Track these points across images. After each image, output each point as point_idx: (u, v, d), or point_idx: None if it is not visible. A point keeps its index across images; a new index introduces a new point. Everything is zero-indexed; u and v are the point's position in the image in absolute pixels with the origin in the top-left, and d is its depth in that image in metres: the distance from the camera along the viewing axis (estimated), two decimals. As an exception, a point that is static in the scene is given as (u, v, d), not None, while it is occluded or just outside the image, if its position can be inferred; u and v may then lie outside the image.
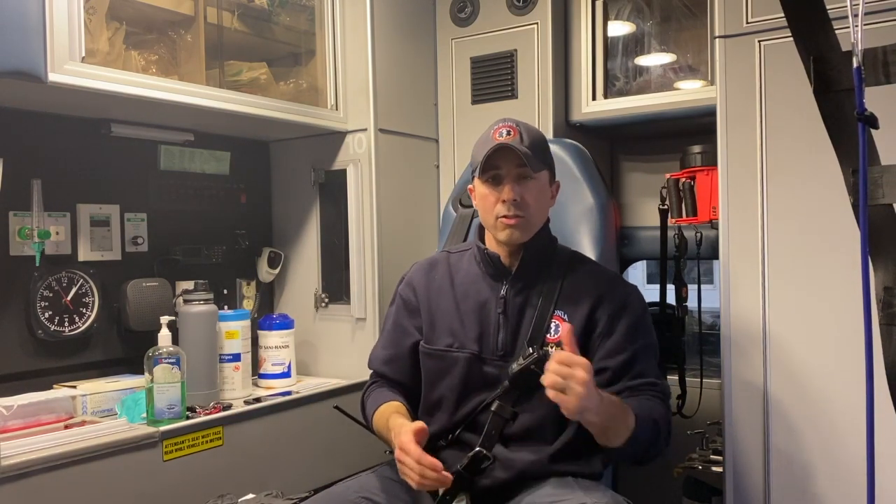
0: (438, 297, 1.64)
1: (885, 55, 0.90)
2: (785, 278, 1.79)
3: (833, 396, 1.72)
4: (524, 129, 1.55)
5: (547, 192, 1.60)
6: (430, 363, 1.62)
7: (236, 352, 2.16)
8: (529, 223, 1.55)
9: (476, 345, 1.56)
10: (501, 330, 1.56)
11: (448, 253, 1.72)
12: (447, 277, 1.65)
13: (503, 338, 1.55)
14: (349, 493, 1.50)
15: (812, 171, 1.73)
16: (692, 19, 2.35)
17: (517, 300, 1.57)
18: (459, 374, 1.56)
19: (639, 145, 2.71)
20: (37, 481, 1.49)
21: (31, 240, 1.91)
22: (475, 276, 1.63)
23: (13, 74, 1.54)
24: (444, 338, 1.60)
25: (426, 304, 1.64)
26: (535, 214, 1.56)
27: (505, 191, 1.52)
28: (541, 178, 1.56)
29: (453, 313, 1.60)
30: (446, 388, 1.58)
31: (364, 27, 2.35)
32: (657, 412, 1.47)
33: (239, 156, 2.49)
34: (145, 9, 2.02)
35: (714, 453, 2.08)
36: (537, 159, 1.53)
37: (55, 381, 1.94)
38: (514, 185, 1.53)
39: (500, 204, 1.53)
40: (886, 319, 0.93)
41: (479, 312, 1.58)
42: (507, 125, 1.55)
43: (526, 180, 1.53)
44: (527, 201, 1.53)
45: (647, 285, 5.40)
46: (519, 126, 1.55)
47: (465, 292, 1.61)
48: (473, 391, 1.55)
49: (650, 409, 1.46)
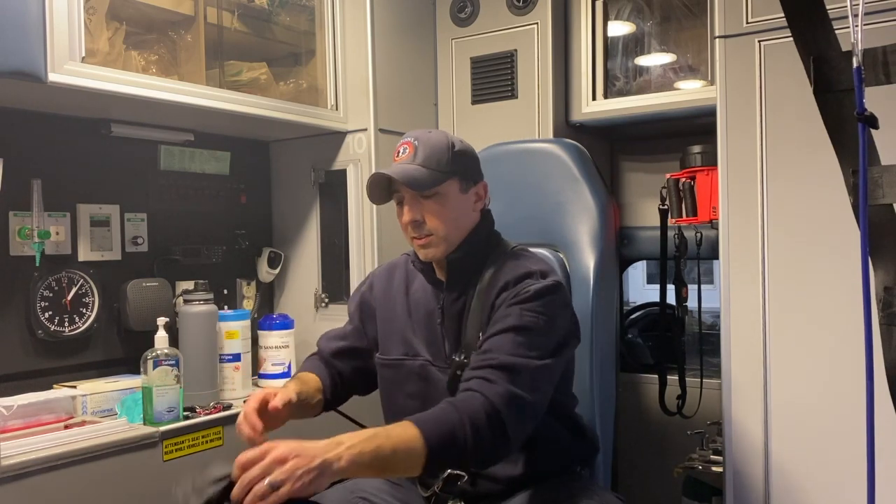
0: (394, 304, 1.63)
1: (885, 55, 0.90)
2: (785, 278, 1.79)
3: (833, 396, 1.72)
4: (422, 143, 1.51)
5: (459, 201, 1.53)
6: (386, 373, 1.61)
7: (236, 352, 2.16)
8: (442, 240, 1.51)
9: (426, 353, 1.56)
10: (446, 339, 1.54)
11: (407, 256, 1.69)
12: (403, 284, 1.64)
13: (449, 346, 1.54)
14: (345, 493, 1.50)
15: (812, 171, 1.73)
16: (692, 19, 2.35)
17: (453, 308, 1.55)
18: (415, 382, 1.56)
19: (639, 145, 2.72)
20: (37, 481, 1.49)
21: (31, 240, 1.91)
22: (423, 284, 1.62)
23: (13, 74, 1.54)
24: (397, 346, 1.59)
25: (382, 312, 1.64)
26: (446, 229, 1.51)
27: (405, 214, 1.52)
28: (445, 192, 1.50)
29: (406, 323, 1.59)
30: (406, 397, 1.57)
31: (364, 27, 2.35)
32: (471, 407, 1.27)
33: (239, 156, 2.49)
34: (145, 9, 2.02)
35: (714, 453, 2.08)
36: (430, 172, 1.48)
37: (55, 381, 1.94)
38: (412, 206, 1.51)
39: (407, 225, 1.53)
40: (886, 319, 0.93)
41: (427, 322, 1.57)
42: (405, 142, 1.53)
43: (426, 199, 1.49)
44: (430, 220, 1.50)
45: (647, 285, 5.42)
46: (417, 140, 1.52)
47: (417, 301, 1.60)
48: (434, 400, 1.43)
49: (451, 413, 1.26)
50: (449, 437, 1.23)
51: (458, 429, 1.24)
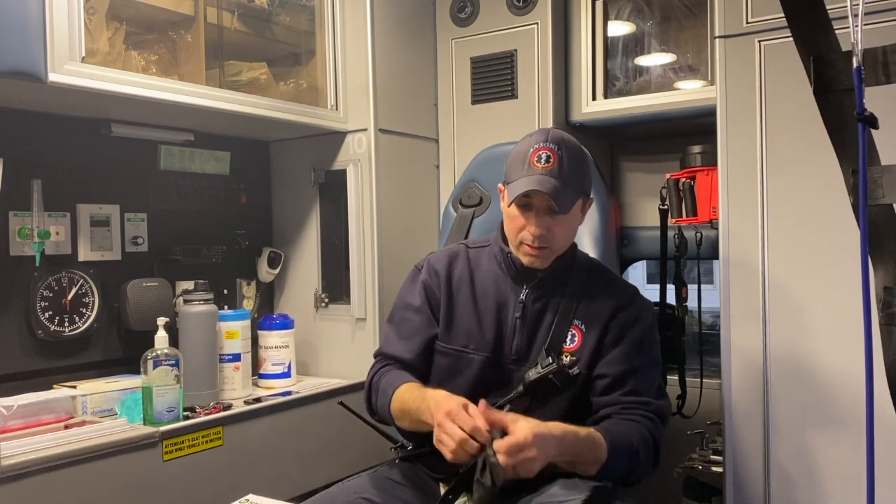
0: (458, 291, 1.61)
1: (885, 55, 0.90)
2: (785, 278, 1.79)
3: (833, 396, 1.72)
4: (565, 153, 1.48)
5: (578, 218, 1.57)
6: (443, 361, 1.61)
7: (236, 352, 2.16)
8: (553, 253, 1.54)
9: (492, 347, 1.55)
10: (518, 334, 1.55)
11: (466, 247, 1.69)
12: (467, 272, 1.63)
13: (518, 342, 1.55)
14: (348, 493, 1.50)
15: (812, 171, 1.73)
16: (692, 19, 2.35)
17: (536, 306, 1.56)
18: (472, 375, 1.56)
19: (639, 145, 2.71)
20: (37, 481, 1.49)
21: (31, 240, 1.91)
22: (495, 275, 1.61)
23: (13, 74, 1.54)
24: (460, 336, 1.59)
25: (446, 297, 1.62)
26: (564, 244, 1.55)
27: (531, 225, 1.49)
28: (574, 210, 1.52)
29: (471, 311, 1.59)
30: (457, 388, 1.55)
31: (364, 27, 2.35)
32: (639, 438, 1.46)
33: (239, 156, 2.49)
34: (145, 9, 2.02)
35: (714, 453, 2.07)
36: (572, 192, 1.48)
37: (55, 381, 1.94)
38: (543, 219, 1.49)
39: (526, 231, 1.51)
40: (886, 319, 0.93)
41: (497, 313, 1.57)
42: (548, 149, 1.47)
43: (557, 214, 1.49)
44: (554, 235, 1.50)
45: (647, 285, 5.40)
46: (560, 149, 1.47)
47: (485, 290, 1.60)
48: (483, 393, 1.52)
49: (631, 435, 1.45)
50: (629, 453, 1.43)
51: (643, 445, 1.46)
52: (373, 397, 1.62)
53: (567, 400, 1.52)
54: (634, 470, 1.46)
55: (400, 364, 1.63)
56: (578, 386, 1.52)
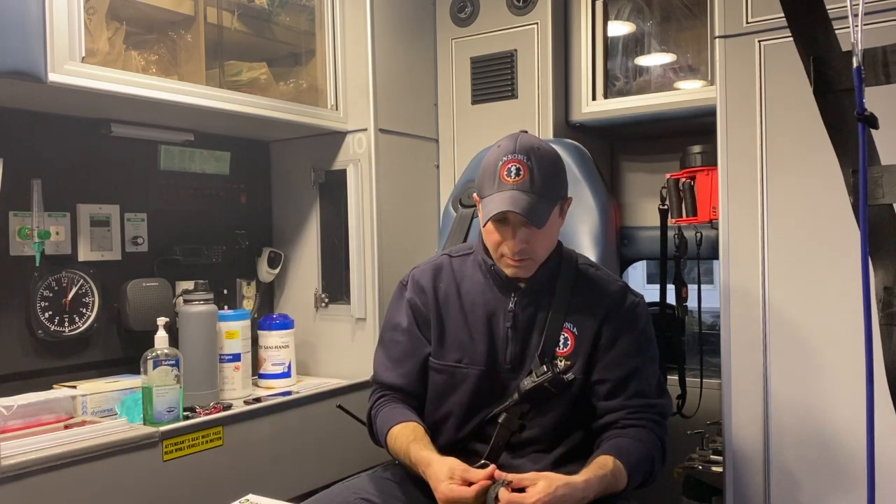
0: (446, 306, 1.59)
1: (885, 55, 0.90)
2: (785, 278, 1.79)
3: (833, 396, 1.72)
4: (535, 163, 1.43)
5: (557, 224, 1.54)
6: (438, 378, 1.59)
7: (236, 352, 2.16)
8: (535, 262, 1.52)
9: (485, 359, 1.54)
10: (510, 343, 1.54)
11: (449, 257, 1.66)
12: (453, 285, 1.60)
13: (512, 351, 1.54)
14: (347, 493, 1.50)
15: (812, 171, 1.73)
16: (692, 19, 2.35)
17: (526, 313, 1.54)
18: (469, 388, 1.55)
19: (639, 145, 2.71)
20: (37, 481, 1.49)
21: (31, 240, 1.90)
22: (481, 285, 1.58)
23: (13, 74, 1.54)
24: (452, 352, 1.57)
25: (435, 314, 1.59)
26: (545, 253, 1.53)
27: (509, 240, 1.46)
28: (552, 219, 1.48)
29: (461, 325, 1.57)
30: (454, 404, 1.56)
31: (364, 27, 2.35)
32: (652, 446, 1.48)
33: (239, 156, 2.49)
34: (145, 9, 2.02)
35: (714, 453, 2.07)
36: (546, 203, 1.44)
37: (55, 381, 1.94)
38: (521, 232, 1.45)
39: (505, 246, 1.48)
40: (886, 319, 0.93)
41: (488, 325, 1.55)
42: (517, 161, 1.42)
43: (537, 229, 1.46)
44: (534, 247, 1.48)
45: (647, 285, 5.40)
46: (530, 160, 1.42)
47: (473, 302, 1.57)
48: (481, 405, 1.54)
49: (644, 445, 1.47)
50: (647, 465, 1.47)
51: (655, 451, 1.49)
52: (373, 428, 1.63)
53: (565, 404, 1.53)
54: (650, 476, 1.49)
55: (395, 393, 1.62)
56: (576, 389, 1.52)
